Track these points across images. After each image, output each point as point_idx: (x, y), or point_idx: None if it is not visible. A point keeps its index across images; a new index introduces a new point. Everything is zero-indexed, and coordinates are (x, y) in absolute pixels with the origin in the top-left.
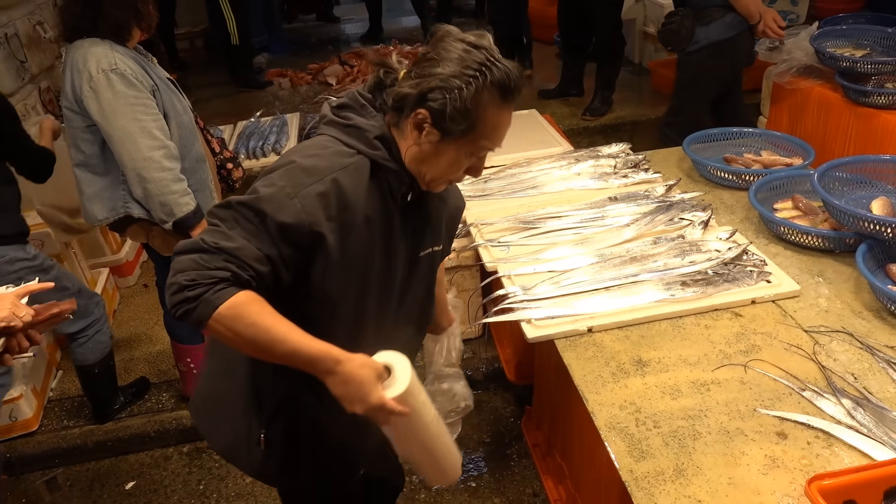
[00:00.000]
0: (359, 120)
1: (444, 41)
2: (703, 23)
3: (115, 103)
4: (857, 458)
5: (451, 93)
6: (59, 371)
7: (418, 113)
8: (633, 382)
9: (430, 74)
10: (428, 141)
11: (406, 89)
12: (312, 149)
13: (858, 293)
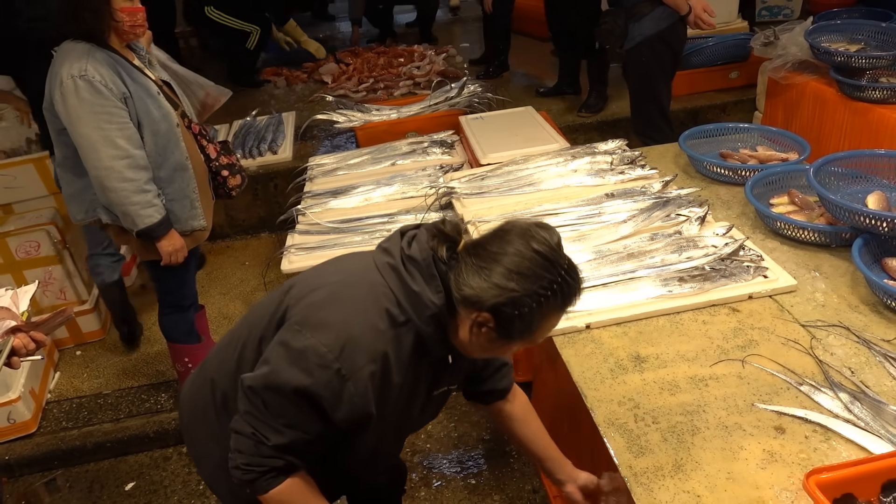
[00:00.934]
0: (423, 289)
1: (510, 237)
2: (635, 19)
3: (80, 110)
4: (855, 452)
5: (522, 309)
6: (57, 373)
7: (483, 315)
8: (631, 378)
9: (501, 286)
10: (485, 338)
11: (473, 292)
12: (365, 299)
13: (855, 287)
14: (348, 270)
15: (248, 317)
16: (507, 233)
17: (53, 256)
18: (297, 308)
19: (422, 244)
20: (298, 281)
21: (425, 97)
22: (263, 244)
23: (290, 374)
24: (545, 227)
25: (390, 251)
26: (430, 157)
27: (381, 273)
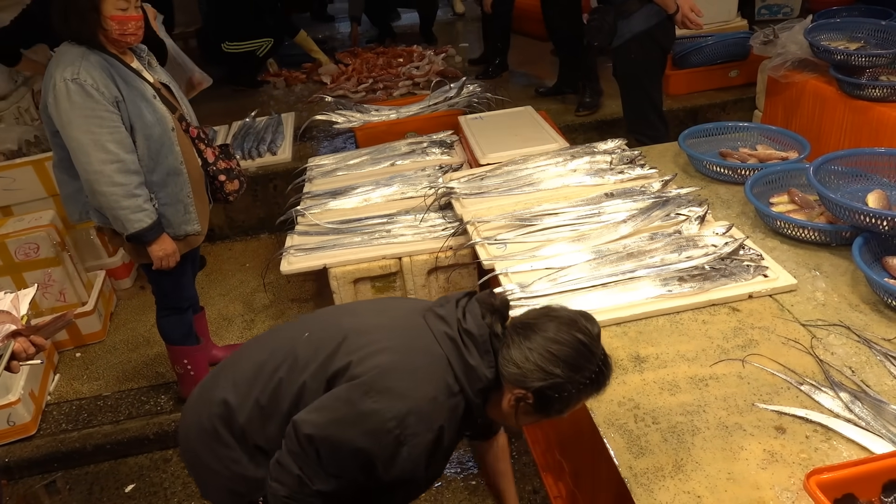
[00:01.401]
0: (479, 363)
1: (556, 323)
2: (624, 16)
3: (71, 114)
4: (856, 452)
5: (562, 393)
6: (56, 375)
7: (523, 393)
8: (631, 379)
9: (547, 371)
10: (523, 411)
11: (519, 371)
12: (428, 370)
13: (855, 286)
14: (407, 332)
15: (275, 348)
16: (553, 319)
17: (53, 258)
18: (362, 368)
19: (477, 318)
20: (353, 331)
21: (424, 97)
22: (263, 245)
23: (353, 434)
24: (589, 319)
25: (447, 320)
26: (429, 157)
27: (440, 343)
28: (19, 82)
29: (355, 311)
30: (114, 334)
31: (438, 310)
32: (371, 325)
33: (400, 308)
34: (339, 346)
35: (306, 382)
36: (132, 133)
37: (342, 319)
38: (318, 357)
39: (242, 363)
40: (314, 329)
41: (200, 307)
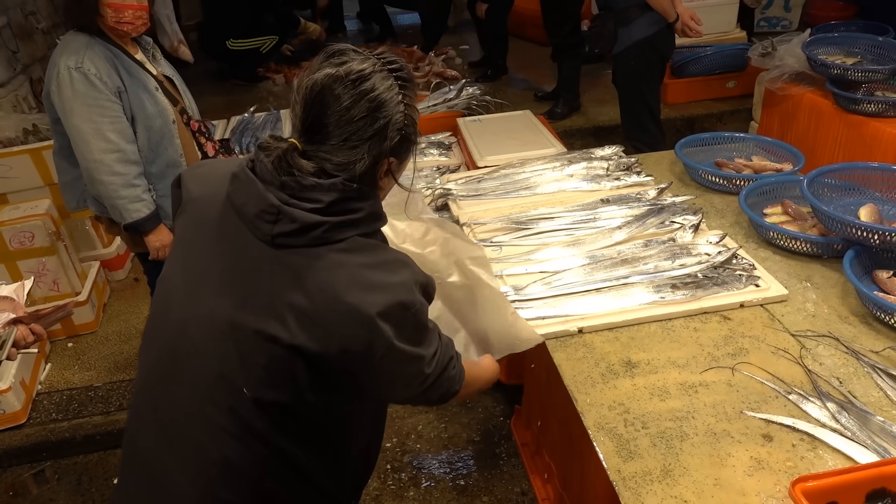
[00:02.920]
0: (367, 205)
1: (335, 91)
2: (624, 24)
3: (73, 102)
4: (841, 461)
5: (406, 126)
6: (47, 364)
7: (387, 162)
8: (622, 383)
9: (371, 133)
10: (395, 170)
11: (360, 165)
12: (373, 271)
13: (845, 298)
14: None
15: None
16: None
17: (48, 247)
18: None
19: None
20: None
21: (423, 98)
22: None
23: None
24: (331, 56)
25: (323, 222)
26: (427, 158)
27: (347, 239)
28: (18, 70)
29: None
30: (106, 325)
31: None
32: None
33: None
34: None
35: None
36: (133, 124)
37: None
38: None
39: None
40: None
41: None
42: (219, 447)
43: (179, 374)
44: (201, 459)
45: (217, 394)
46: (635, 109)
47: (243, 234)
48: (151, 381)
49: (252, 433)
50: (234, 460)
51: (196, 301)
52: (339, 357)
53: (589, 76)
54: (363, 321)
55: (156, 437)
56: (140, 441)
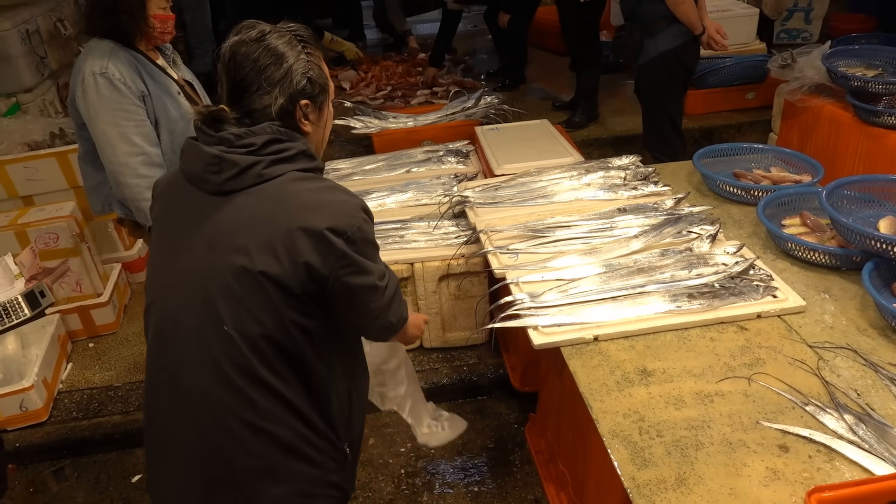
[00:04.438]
0: (297, 143)
1: (242, 50)
2: (650, 35)
3: (99, 106)
4: (858, 473)
5: (308, 72)
6: (69, 363)
7: (305, 102)
8: (637, 391)
9: (281, 78)
10: (312, 113)
11: (276, 107)
12: (314, 193)
13: (864, 311)
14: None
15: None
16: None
17: (72, 249)
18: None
19: (245, 131)
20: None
21: (442, 106)
22: None
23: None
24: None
25: (257, 161)
26: (444, 165)
27: (286, 174)
28: (45, 75)
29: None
30: (127, 326)
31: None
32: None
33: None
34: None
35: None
36: (157, 127)
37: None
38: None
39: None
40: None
41: None
42: (211, 382)
43: (176, 336)
44: (207, 402)
45: (206, 338)
46: (658, 121)
47: (196, 195)
48: (158, 352)
49: (242, 371)
50: (227, 400)
51: (172, 268)
52: (302, 277)
53: (607, 86)
54: (316, 236)
55: (175, 399)
56: (160, 409)
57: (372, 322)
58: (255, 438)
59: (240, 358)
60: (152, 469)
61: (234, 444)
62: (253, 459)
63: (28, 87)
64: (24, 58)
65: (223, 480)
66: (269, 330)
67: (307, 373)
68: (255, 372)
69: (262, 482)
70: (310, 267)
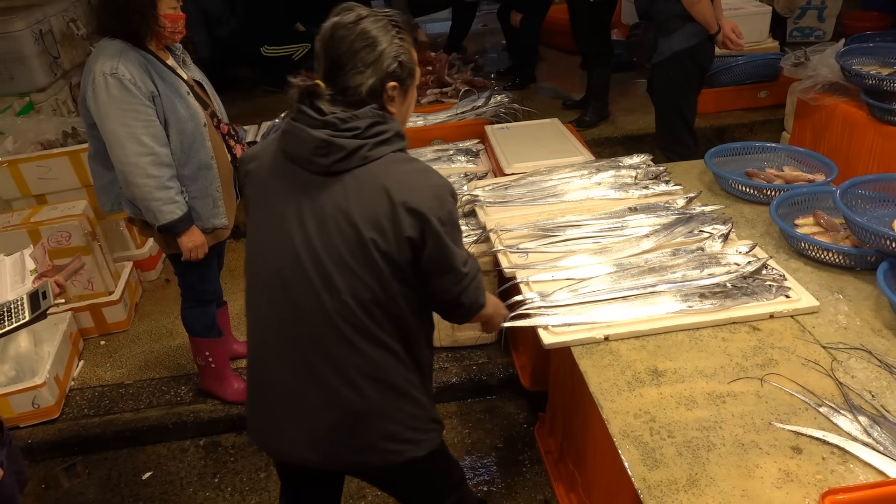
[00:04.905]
0: (393, 125)
1: (339, 32)
2: (665, 34)
3: (109, 107)
4: (872, 476)
5: (399, 54)
6: (80, 361)
7: (393, 84)
8: (648, 392)
9: (373, 59)
10: (400, 94)
11: (368, 86)
12: (412, 175)
13: (878, 311)
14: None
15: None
16: (329, 40)
17: (84, 247)
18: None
19: (347, 115)
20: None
21: (452, 105)
22: None
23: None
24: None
25: (360, 146)
26: (454, 164)
27: (386, 156)
28: (58, 75)
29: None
30: (138, 324)
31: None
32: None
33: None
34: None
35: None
36: (166, 127)
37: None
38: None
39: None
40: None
41: (224, 301)
42: (331, 343)
43: (293, 303)
44: (327, 363)
45: (325, 305)
46: (671, 120)
47: (300, 174)
48: (269, 319)
49: (359, 331)
50: (347, 357)
51: (283, 242)
52: (405, 250)
53: (618, 85)
54: (416, 215)
55: (295, 363)
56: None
57: (449, 301)
58: (375, 386)
59: (356, 321)
60: (264, 422)
61: (354, 393)
62: (371, 405)
63: (41, 87)
64: (38, 58)
65: (345, 426)
66: (377, 295)
67: (406, 329)
68: (370, 331)
69: (381, 422)
70: (411, 241)
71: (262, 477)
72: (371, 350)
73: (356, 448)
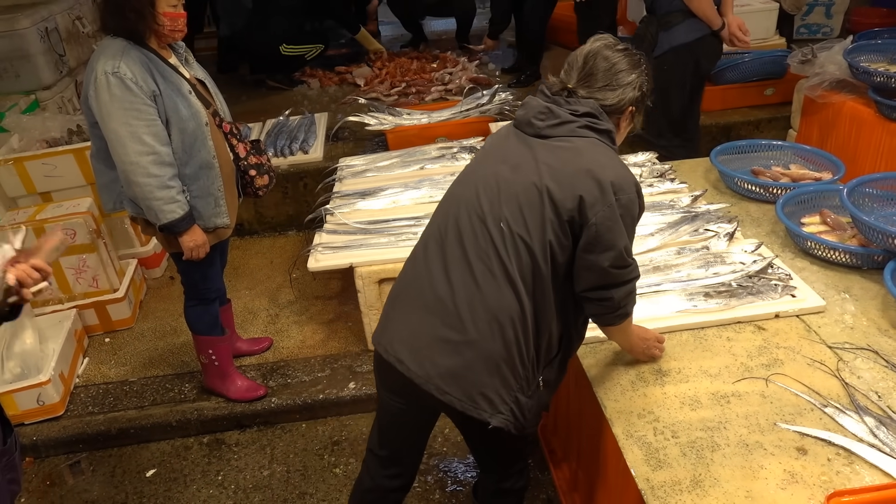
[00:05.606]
0: (607, 126)
1: (596, 55)
2: (666, 28)
3: (110, 106)
4: (878, 477)
5: (644, 88)
6: (85, 358)
7: (630, 110)
8: (652, 391)
9: (628, 83)
10: (629, 125)
11: (617, 101)
12: (609, 159)
13: (885, 311)
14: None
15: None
16: (591, 57)
17: (88, 245)
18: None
19: (571, 104)
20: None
21: (456, 103)
22: (291, 242)
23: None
24: (597, 39)
25: (565, 122)
26: (459, 162)
27: (589, 137)
28: (64, 73)
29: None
30: (142, 322)
31: (554, 130)
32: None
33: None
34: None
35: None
36: (168, 126)
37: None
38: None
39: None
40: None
41: (227, 299)
42: (474, 260)
43: (461, 219)
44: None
45: (485, 227)
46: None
47: (517, 136)
48: (448, 227)
49: (499, 262)
50: (482, 281)
51: (482, 173)
52: (575, 206)
53: None
54: (598, 181)
55: (438, 269)
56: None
57: (597, 289)
58: (486, 318)
59: (502, 249)
60: (386, 330)
61: (470, 316)
62: (474, 335)
63: (47, 85)
64: (43, 56)
65: (448, 343)
66: (531, 238)
67: (538, 293)
68: (508, 268)
69: (473, 359)
70: (582, 201)
71: (266, 475)
72: (502, 286)
73: (446, 375)
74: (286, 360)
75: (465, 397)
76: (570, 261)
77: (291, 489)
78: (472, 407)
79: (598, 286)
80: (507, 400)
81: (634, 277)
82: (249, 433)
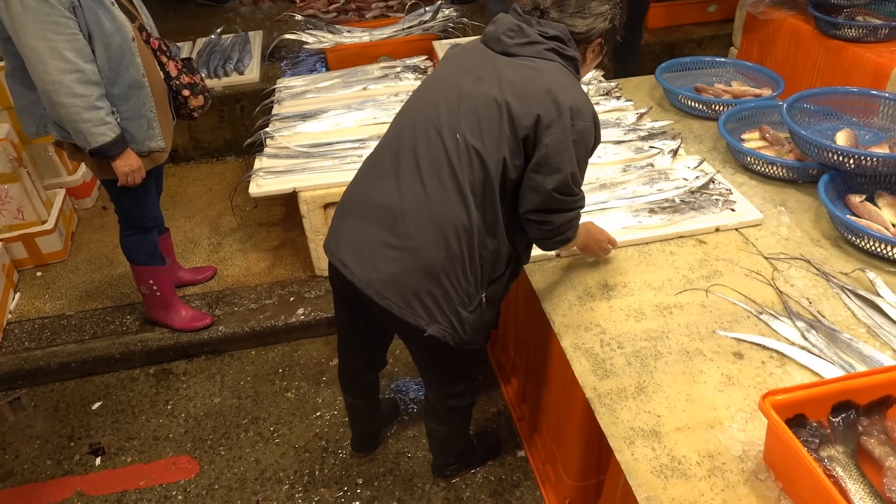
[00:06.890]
0: (575, 53)
1: None
2: None
3: (24, 18)
4: (808, 377)
5: (615, 20)
6: (16, 293)
7: (599, 41)
8: (598, 305)
9: (600, 13)
10: (596, 57)
11: (586, 30)
12: (571, 84)
13: (818, 222)
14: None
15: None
16: None
17: (10, 174)
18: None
19: (541, 25)
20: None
21: (398, 20)
22: (230, 168)
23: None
24: None
25: (535, 41)
26: (402, 82)
27: (554, 61)
28: None
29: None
30: (76, 254)
31: (520, 49)
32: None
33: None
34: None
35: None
36: (90, 41)
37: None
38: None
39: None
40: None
41: (165, 228)
42: (428, 172)
43: (418, 129)
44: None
45: (442, 138)
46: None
47: (484, 51)
48: (403, 136)
49: (452, 173)
50: (436, 192)
51: (443, 85)
52: (532, 124)
53: None
54: (556, 102)
55: (404, 179)
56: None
57: (539, 211)
58: (431, 226)
59: (455, 160)
60: (334, 233)
61: (415, 224)
62: (418, 242)
63: None
64: None
65: (392, 248)
66: (486, 151)
67: (486, 207)
68: (459, 179)
69: (414, 266)
70: (539, 120)
71: (217, 402)
72: (454, 196)
73: (387, 280)
74: (231, 288)
75: (402, 303)
76: (520, 180)
77: (244, 415)
78: (409, 313)
79: (540, 208)
80: (446, 311)
81: (578, 207)
82: (197, 362)
